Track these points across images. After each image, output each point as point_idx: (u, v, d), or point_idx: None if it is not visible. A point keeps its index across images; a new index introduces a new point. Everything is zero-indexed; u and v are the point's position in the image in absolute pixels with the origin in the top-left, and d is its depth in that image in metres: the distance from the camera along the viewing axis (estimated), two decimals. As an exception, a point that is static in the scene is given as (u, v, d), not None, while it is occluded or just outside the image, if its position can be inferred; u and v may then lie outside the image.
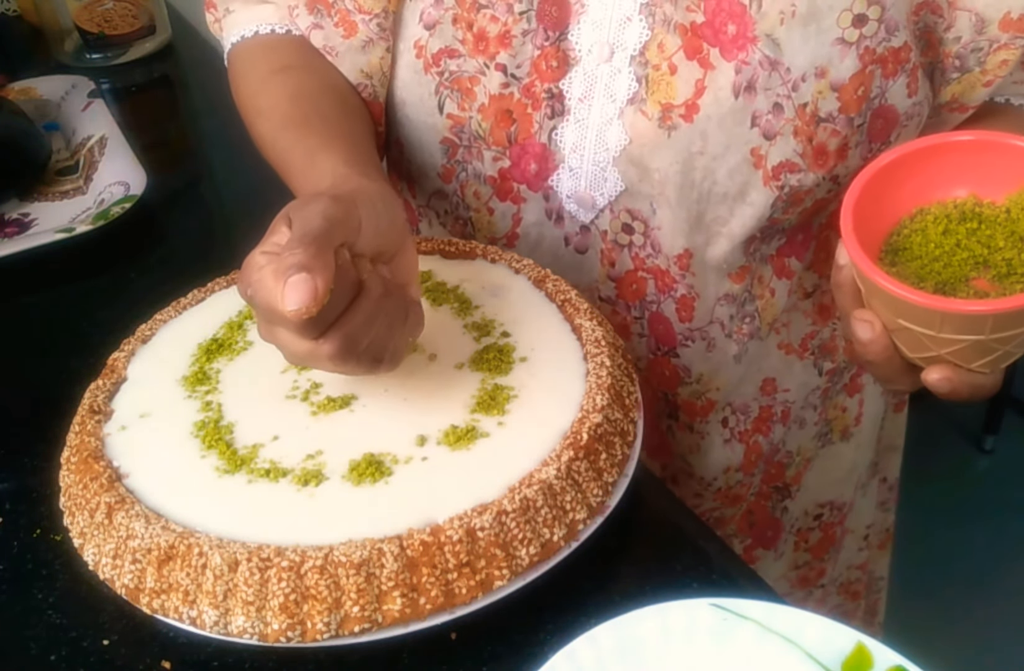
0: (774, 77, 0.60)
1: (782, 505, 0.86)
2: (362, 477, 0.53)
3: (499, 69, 0.65)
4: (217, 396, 0.60)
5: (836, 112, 0.61)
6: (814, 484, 0.87)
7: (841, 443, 0.86)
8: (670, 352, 0.74)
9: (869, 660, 0.47)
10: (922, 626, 1.26)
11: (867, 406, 0.85)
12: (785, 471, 0.84)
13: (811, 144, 0.62)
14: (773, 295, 0.72)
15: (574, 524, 0.53)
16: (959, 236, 0.50)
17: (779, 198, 0.64)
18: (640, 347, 0.75)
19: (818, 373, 0.79)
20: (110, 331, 0.67)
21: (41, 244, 0.88)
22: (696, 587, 0.55)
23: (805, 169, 0.63)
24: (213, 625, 0.49)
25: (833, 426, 0.84)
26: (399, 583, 0.49)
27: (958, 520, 1.80)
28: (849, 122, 0.62)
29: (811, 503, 0.89)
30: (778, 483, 0.84)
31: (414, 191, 0.81)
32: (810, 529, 0.91)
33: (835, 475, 0.88)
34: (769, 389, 0.78)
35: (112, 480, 0.54)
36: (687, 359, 0.74)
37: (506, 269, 0.68)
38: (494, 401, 0.57)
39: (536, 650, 0.51)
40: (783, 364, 0.77)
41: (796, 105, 0.61)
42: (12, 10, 1.41)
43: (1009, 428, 1.95)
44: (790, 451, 0.83)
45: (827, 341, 0.77)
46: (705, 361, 0.74)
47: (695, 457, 0.79)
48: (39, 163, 1.00)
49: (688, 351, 0.74)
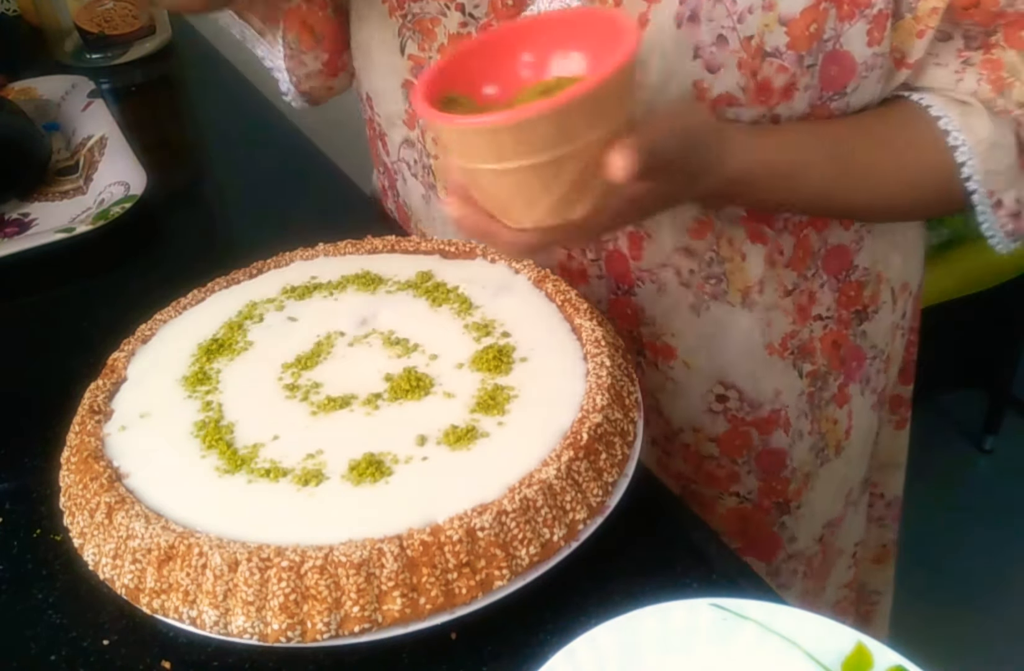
0: (719, 8, 0.60)
1: (780, 520, 0.85)
2: (362, 477, 0.53)
3: (458, 9, 0.67)
4: (217, 396, 0.60)
5: (784, 47, 0.60)
6: (819, 506, 0.86)
7: (836, 459, 0.85)
8: (628, 291, 0.75)
9: (869, 660, 0.47)
10: (922, 626, 1.26)
11: (856, 419, 0.84)
12: (788, 486, 0.83)
13: (755, 78, 0.61)
14: (744, 259, 0.72)
15: (574, 524, 0.53)
16: (531, 97, 0.52)
17: None
18: (600, 289, 0.75)
19: (798, 374, 0.78)
20: (110, 331, 0.67)
21: (41, 244, 0.88)
22: (696, 587, 0.55)
23: (745, 104, 0.62)
24: (213, 625, 0.50)
25: (828, 440, 0.83)
26: (399, 583, 0.49)
27: (958, 520, 1.80)
28: (798, 60, 0.61)
29: (816, 527, 0.88)
30: (779, 499, 0.84)
31: (387, 147, 0.82)
32: (814, 554, 0.89)
33: (832, 494, 0.87)
34: (764, 388, 0.78)
35: (112, 480, 0.55)
36: (641, 299, 0.75)
37: (506, 269, 0.68)
38: (494, 401, 0.57)
39: (536, 650, 0.51)
40: (765, 364, 0.77)
41: (741, 37, 0.60)
42: (12, 10, 1.41)
43: (1009, 428, 1.95)
44: (795, 468, 0.82)
45: (806, 342, 0.77)
46: (656, 304, 0.74)
47: (663, 396, 0.79)
48: (39, 163, 1.00)
49: (642, 291, 0.74)
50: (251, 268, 0.72)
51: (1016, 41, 0.62)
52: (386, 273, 0.69)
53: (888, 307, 0.81)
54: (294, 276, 0.70)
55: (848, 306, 0.77)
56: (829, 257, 0.74)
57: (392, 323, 0.65)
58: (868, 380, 0.83)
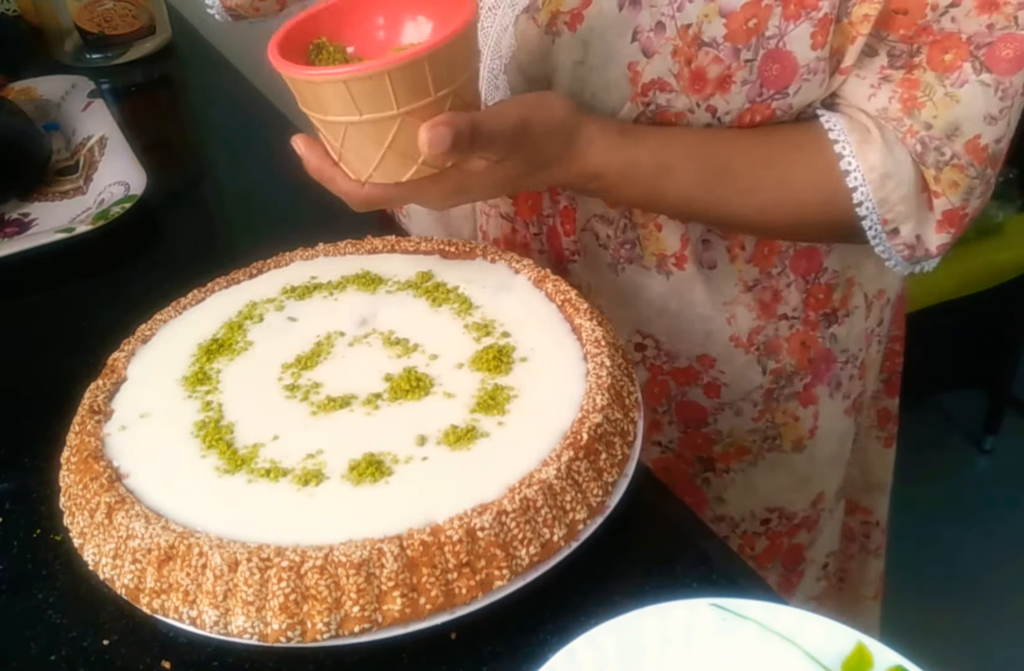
0: None
1: (703, 475, 0.86)
2: (362, 477, 0.53)
3: None
4: (217, 396, 0.60)
5: (721, 38, 0.61)
6: (764, 487, 0.87)
7: (793, 453, 0.85)
8: (561, 266, 0.77)
9: (869, 660, 0.47)
10: (922, 626, 1.26)
11: (824, 421, 0.84)
12: (712, 447, 0.84)
13: (689, 67, 0.62)
14: (660, 230, 0.73)
15: (574, 524, 0.53)
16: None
17: (643, 114, 0.65)
18: (542, 262, 0.76)
19: (762, 371, 0.79)
20: (110, 331, 0.67)
21: (41, 244, 0.88)
22: (696, 587, 0.55)
23: (678, 90, 0.63)
24: (213, 625, 0.50)
25: (782, 432, 0.83)
26: (399, 583, 0.49)
27: (958, 520, 1.80)
28: (735, 52, 0.62)
29: (759, 506, 0.88)
30: (702, 454, 0.85)
31: None
32: (756, 534, 0.90)
33: (785, 483, 0.87)
34: (707, 362, 0.78)
35: (112, 480, 0.55)
36: (575, 272, 0.77)
37: (506, 269, 0.68)
38: (494, 401, 0.57)
39: (536, 650, 0.51)
40: (727, 353, 0.77)
41: (679, 25, 0.61)
42: (12, 10, 1.41)
43: (1009, 428, 1.95)
44: (719, 430, 0.83)
45: (771, 339, 0.78)
46: (589, 272, 0.76)
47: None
48: (39, 163, 1.00)
49: (575, 266, 0.76)
50: (251, 268, 0.72)
51: (937, 63, 0.62)
52: (386, 273, 0.69)
53: (861, 312, 0.81)
54: (294, 276, 0.70)
55: (816, 308, 0.78)
56: (797, 258, 0.75)
57: (392, 323, 0.65)
58: (839, 384, 0.83)
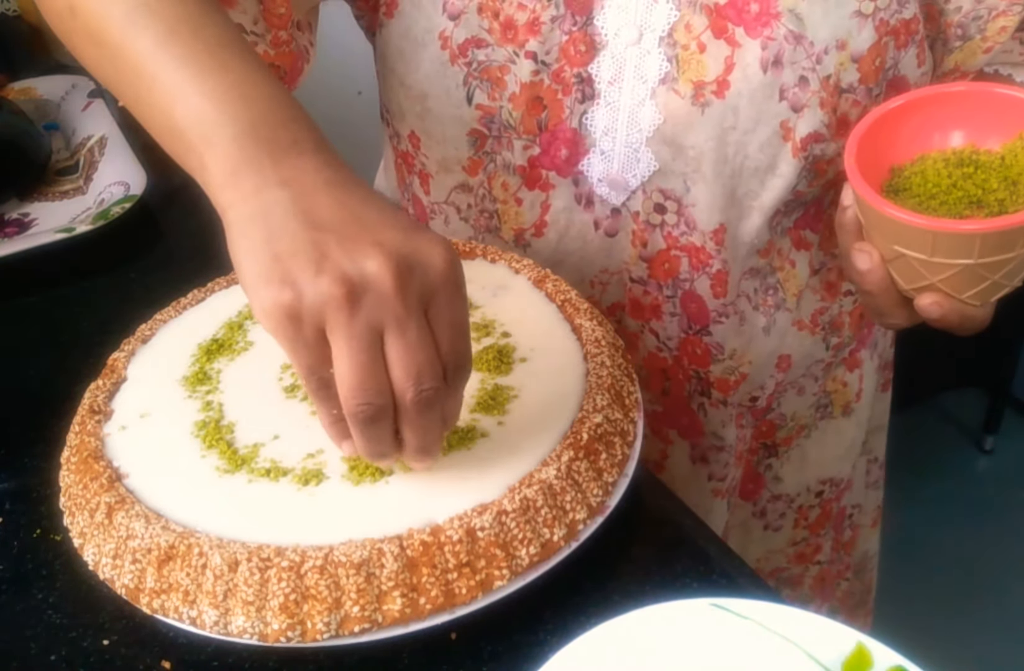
0: (799, 51, 0.62)
1: (766, 462, 0.87)
2: (362, 476, 0.53)
3: (529, 56, 0.66)
4: (218, 396, 0.60)
5: (856, 83, 0.63)
6: (816, 458, 0.88)
7: (843, 419, 0.87)
8: (702, 330, 0.76)
9: (869, 660, 0.47)
10: (922, 626, 1.26)
11: (866, 382, 0.87)
12: (776, 432, 0.85)
13: (835, 115, 0.64)
14: (794, 266, 0.75)
15: (574, 524, 0.53)
16: (956, 178, 0.54)
17: (804, 168, 0.66)
18: (672, 326, 0.77)
19: (825, 347, 0.81)
20: (110, 331, 0.67)
21: (41, 244, 0.88)
22: (696, 587, 0.55)
23: (829, 139, 0.65)
24: (213, 625, 0.49)
25: (834, 399, 0.86)
26: (399, 583, 0.49)
27: (958, 520, 1.80)
28: (868, 92, 0.64)
29: (813, 479, 0.90)
30: (767, 441, 0.86)
31: (428, 187, 0.80)
32: (811, 506, 0.92)
33: (837, 451, 0.89)
34: (784, 366, 0.80)
35: (112, 480, 0.55)
36: (720, 335, 0.76)
37: (506, 269, 0.68)
38: (494, 401, 0.57)
39: (536, 650, 0.51)
40: (796, 340, 0.79)
41: (820, 77, 0.63)
42: (12, 10, 1.41)
43: (1009, 428, 1.95)
44: (783, 414, 0.84)
45: (835, 317, 0.79)
46: (738, 335, 0.76)
47: (727, 431, 0.81)
48: (39, 163, 1.00)
49: (721, 328, 0.76)
50: (251, 268, 0.72)
51: None
52: (386, 273, 0.69)
53: None
54: (294, 276, 0.70)
55: None
56: None
57: (392, 323, 0.64)
58: (876, 344, 0.87)
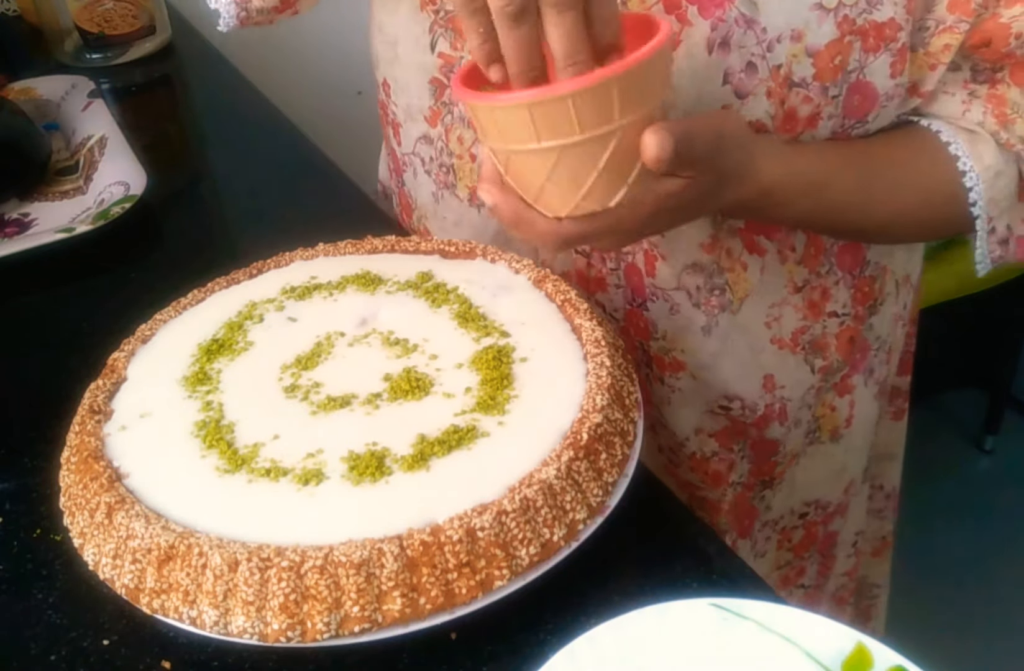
0: (749, 35, 0.60)
1: (760, 494, 0.87)
2: (362, 476, 0.53)
3: None
4: (218, 396, 0.60)
5: (810, 78, 0.61)
6: (801, 482, 0.87)
7: (831, 443, 0.86)
8: (643, 304, 0.75)
9: (869, 660, 0.47)
10: (922, 626, 1.26)
11: (858, 409, 0.85)
12: (775, 468, 0.85)
13: (783, 107, 0.62)
14: (745, 269, 0.72)
15: (574, 524, 0.53)
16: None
17: None
18: (617, 298, 0.76)
19: (810, 370, 0.79)
20: (110, 331, 0.67)
21: (41, 244, 0.88)
22: (696, 587, 0.55)
23: (772, 130, 0.63)
24: (213, 625, 0.49)
25: (821, 424, 0.84)
26: (399, 583, 0.49)
27: (958, 520, 1.80)
28: (823, 91, 0.62)
29: (798, 502, 0.89)
30: (765, 478, 0.85)
31: (399, 137, 0.81)
32: (794, 527, 0.91)
33: (822, 475, 0.88)
34: (770, 386, 0.78)
35: (112, 480, 0.55)
36: (654, 314, 0.75)
37: (506, 269, 0.68)
38: (494, 401, 0.57)
39: (536, 650, 0.52)
40: (778, 359, 0.77)
41: (771, 66, 0.61)
42: (12, 10, 1.41)
43: (1009, 428, 1.95)
44: (785, 452, 0.83)
45: (818, 337, 0.78)
46: (669, 321, 0.75)
47: (667, 409, 0.80)
48: (39, 163, 1.00)
49: (654, 306, 0.75)
50: (251, 268, 0.72)
51: (1021, 80, 0.63)
52: (386, 273, 0.69)
53: (893, 298, 0.82)
54: (294, 276, 0.70)
55: (863, 302, 0.79)
56: (842, 254, 0.75)
57: (392, 323, 0.65)
58: (872, 371, 0.85)
